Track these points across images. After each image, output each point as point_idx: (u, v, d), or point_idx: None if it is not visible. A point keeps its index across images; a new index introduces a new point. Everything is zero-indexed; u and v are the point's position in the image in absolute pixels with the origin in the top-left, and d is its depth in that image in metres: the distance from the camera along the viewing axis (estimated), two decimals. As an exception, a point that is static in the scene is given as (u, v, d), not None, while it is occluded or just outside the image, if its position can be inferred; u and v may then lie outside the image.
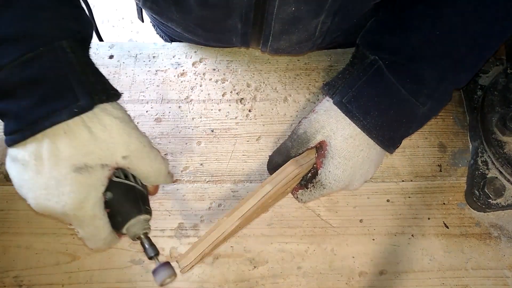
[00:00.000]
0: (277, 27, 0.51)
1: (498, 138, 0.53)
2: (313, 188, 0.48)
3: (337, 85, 0.48)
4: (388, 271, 0.51)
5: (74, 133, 0.35)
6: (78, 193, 0.35)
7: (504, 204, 0.52)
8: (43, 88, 0.34)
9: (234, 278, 0.50)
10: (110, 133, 0.36)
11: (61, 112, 0.34)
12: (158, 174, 0.42)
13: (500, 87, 0.56)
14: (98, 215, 0.37)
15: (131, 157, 0.38)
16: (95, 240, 0.39)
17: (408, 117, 0.47)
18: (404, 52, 0.46)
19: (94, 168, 0.36)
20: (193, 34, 0.60)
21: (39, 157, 0.34)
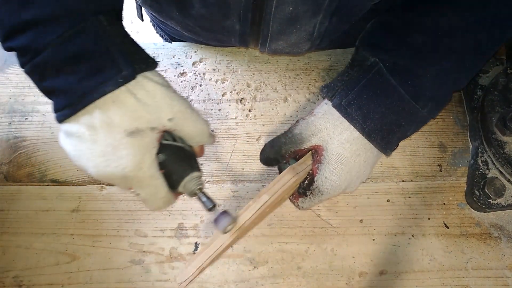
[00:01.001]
0: (275, 27, 0.51)
1: (498, 138, 0.53)
2: (311, 195, 0.47)
3: (336, 87, 0.47)
4: (388, 271, 0.51)
5: (121, 101, 0.36)
6: (135, 155, 0.37)
7: (504, 204, 0.52)
8: (88, 62, 0.35)
9: (234, 278, 0.50)
10: (154, 97, 0.38)
11: (107, 83, 0.35)
12: (202, 134, 0.43)
13: (500, 87, 0.56)
14: (155, 174, 0.40)
15: (176, 118, 0.40)
16: (155, 200, 0.41)
17: (407, 120, 0.46)
18: (405, 54, 0.46)
19: (145, 131, 0.38)
20: (192, 33, 0.60)
21: (93, 127, 0.36)
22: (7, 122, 0.58)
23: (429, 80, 0.45)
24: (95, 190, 0.54)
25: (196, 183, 0.42)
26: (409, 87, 0.45)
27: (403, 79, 0.45)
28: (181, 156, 0.42)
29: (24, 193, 0.54)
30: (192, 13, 0.54)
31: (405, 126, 0.47)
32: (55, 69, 0.36)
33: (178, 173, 0.42)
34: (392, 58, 0.46)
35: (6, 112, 0.59)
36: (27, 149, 0.56)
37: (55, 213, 0.53)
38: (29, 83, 0.61)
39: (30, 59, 0.36)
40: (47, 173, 0.55)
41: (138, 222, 0.52)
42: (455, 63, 0.46)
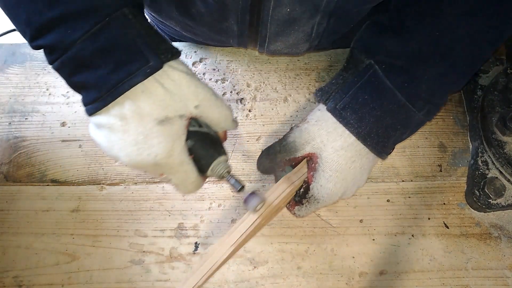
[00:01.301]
0: (273, 28, 0.51)
1: (498, 138, 0.53)
2: (307, 204, 0.47)
3: (330, 90, 0.47)
4: (388, 271, 0.51)
5: (150, 91, 0.37)
6: (166, 142, 0.38)
7: (504, 204, 0.52)
8: (116, 55, 0.36)
9: (234, 278, 0.50)
10: (180, 86, 0.39)
11: (136, 74, 0.36)
12: (226, 119, 0.44)
13: (500, 87, 0.56)
14: (186, 160, 0.41)
15: (202, 105, 0.41)
16: (186, 184, 0.43)
17: (403, 123, 0.46)
18: (401, 55, 0.45)
19: (174, 119, 0.39)
20: (192, 34, 0.60)
21: (124, 117, 0.37)
22: (7, 122, 0.58)
23: (425, 82, 0.45)
24: (95, 190, 0.54)
25: (223, 166, 0.44)
26: (405, 89, 0.44)
27: (399, 81, 0.44)
28: (207, 141, 0.43)
29: (24, 193, 0.54)
30: (191, 13, 0.54)
31: (401, 129, 0.46)
32: (84, 64, 0.36)
33: (206, 158, 0.43)
34: (387, 60, 0.45)
35: (6, 112, 0.59)
36: (27, 149, 0.56)
37: (55, 213, 0.53)
38: (29, 83, 0.61)
39: (59, 56, 0.36)
40: (47, 173, 0.55)
41: (138, 222, 0.52)
42: (452, 65, 0.45)
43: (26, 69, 0.62)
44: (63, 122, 0.58)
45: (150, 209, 0.53)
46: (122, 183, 0.54)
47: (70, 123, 0.58)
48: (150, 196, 0.54)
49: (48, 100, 0.59)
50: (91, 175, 0.55)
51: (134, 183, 0.55)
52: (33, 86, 0.61)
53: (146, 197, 0.54)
